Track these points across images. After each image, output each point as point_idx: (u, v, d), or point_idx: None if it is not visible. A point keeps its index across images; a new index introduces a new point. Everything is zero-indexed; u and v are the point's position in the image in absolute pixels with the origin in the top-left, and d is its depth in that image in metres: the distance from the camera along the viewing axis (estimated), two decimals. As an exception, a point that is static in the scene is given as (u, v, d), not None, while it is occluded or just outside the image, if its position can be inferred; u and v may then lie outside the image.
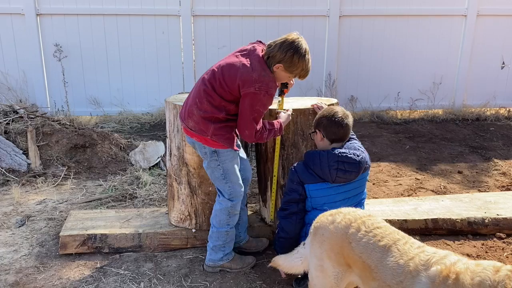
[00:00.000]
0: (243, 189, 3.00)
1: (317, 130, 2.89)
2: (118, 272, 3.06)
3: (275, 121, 2.94)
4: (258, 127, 2.77)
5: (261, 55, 2.77)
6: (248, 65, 2.70)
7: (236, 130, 2.88)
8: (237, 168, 2.95)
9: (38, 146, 4.82)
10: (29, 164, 4.68)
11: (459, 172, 4.98)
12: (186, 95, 3.57)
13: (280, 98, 3.15)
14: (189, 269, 3.10)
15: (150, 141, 5.16)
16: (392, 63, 7.01)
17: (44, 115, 5.40)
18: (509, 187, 4.56)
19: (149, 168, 4.85)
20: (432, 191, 4.49)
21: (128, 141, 5.31)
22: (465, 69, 7.10)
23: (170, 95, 3.62)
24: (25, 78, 6.44)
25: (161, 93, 6.64)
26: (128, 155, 5.04)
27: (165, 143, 4.85)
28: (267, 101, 2.73)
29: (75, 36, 6.44)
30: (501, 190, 4.48)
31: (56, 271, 3.07)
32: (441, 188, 4.54)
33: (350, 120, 2.85)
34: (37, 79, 6.48)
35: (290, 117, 3.07)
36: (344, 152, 2.76)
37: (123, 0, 6.41)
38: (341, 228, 2.23)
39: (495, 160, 5.31)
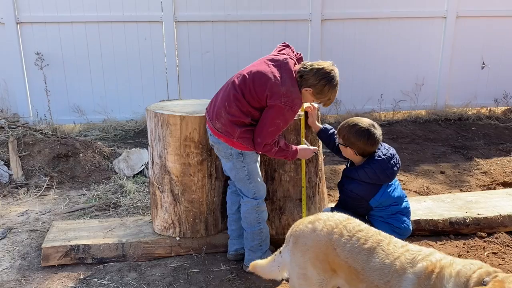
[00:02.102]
0: (265, 188, 3.10)
1: (348, 148, 2.94)
2: (102, 283, 3.03)
3: (293, 146, 3.01)
4: (270, 140, 2.86)
5: (293, 70, 2.85)
6: (279, 78, 2.79)
7: None
8: (259, 168, 3.07)
9: (20, 156, 4.77)
10: (10, 175, 4.62)
11: (442, 172, 5.04)
12: (168, 103, 3.58)
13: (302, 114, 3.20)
14: (174, 277, 3.09)
15: (133, 149, 5.13)
16: (375, 65, 7.08)
17: (25, 125, 5.35)
18: (490, 186, 4.63)
19: (133, 176, 4.82)
20: (415, 191, 4.54)
21: (112, 149, 5.28)
22: (446, 70, 7.19)
23: (154, 101, 3.62)
24: (6, 87, 6.36)
25: (145, 99, 6.61)
26: (111, 163, 5.01)
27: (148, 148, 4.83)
28: (289, 117, 2.85)
29: (57, 44, 6.38)
30: (482, 189, 4.55)
31: (38, 284, 3.04)
32: (424, 189, 4.59)
33: (380, 135, 2.93)
34: (19, 88, 6.40)
35: (311, 153, 3.12)
36: (385, 152, 2.93)
37: (105, 7, 6.38)
38: (323, 236, 2.25)
39: (477, 160, 5.38)
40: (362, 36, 6.94)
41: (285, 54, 2.97)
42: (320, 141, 3.43)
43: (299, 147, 3.04)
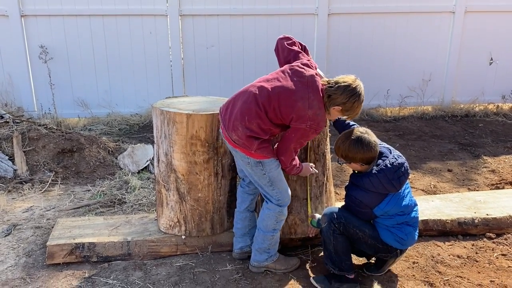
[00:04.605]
0: (290, 194, 3.06)
1: (353, 163, 2.92)
2: (107, 282, 3.02)
3: (300, 163, 3.01)
4: (295, 156, 2.89)
5: (320, 89, 2.78)
6: (307, 101, 2.73)
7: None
8: (282, 174, 2.99)
9: (24, 151, 4.75)
10: (15, 170, 4.61)
11: (449, 170, 4.99)
12: (174, 100, 3.53)
13: None
14: (179, 277, 3.07)
15: (138, 144, 5.10)
16: (381, 60, 7.00)
17: (30, 120, 5.32)
18: (498, 185, 4.58)
19: (138, 172, 4.80)
20: (423, 190, 4.50)
21: (117, 145, 5.25)
22: (453, 65, 7.12)
23: (159, 96, 3.58)
24: (11, 81, 6.33)
25: (149, 93, 6.58)
26: (116, 158, 4.98)
27: (154, 146, 4.80)
28: (312, 136, 2.85)
29: (61, 37, 6.34)
30: (490, 188, 4.51)
31: (43, 282, 3.03)
32: (431, 187, 4.54)
33: (374, 137, 2.89)
34: (23, 81, 6.37)
35: (310, 172, 3.12)
36: (392, 161, 2.84)
37: (109, 0, 6.32)
38: None
39: (484, 157, 5.33)
40: (369, 31, 6.87)
41: (310, 67, 2.86)
42: (327, 140, 3.39)
43: (303, 164, 3.06)
